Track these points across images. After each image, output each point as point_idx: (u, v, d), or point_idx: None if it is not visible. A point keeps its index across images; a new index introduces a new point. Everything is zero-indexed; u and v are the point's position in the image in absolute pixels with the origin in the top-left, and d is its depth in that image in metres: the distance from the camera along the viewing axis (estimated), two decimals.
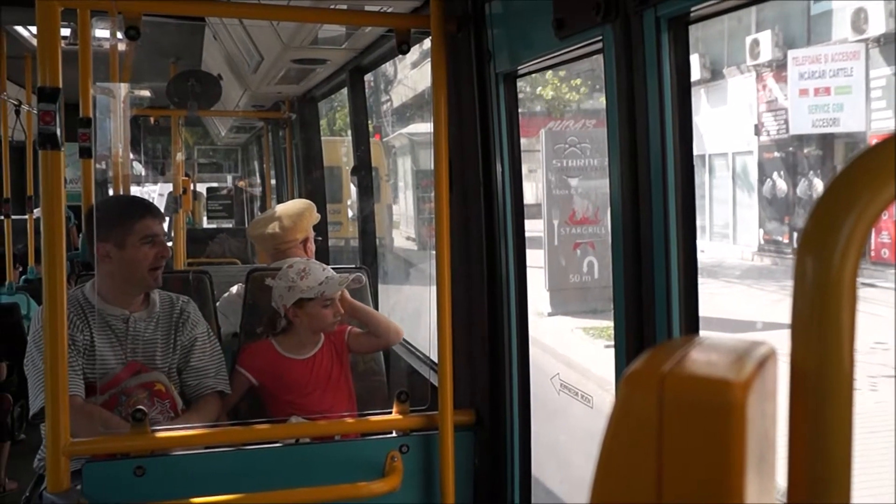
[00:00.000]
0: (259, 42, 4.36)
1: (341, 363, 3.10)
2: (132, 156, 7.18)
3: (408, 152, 21.38)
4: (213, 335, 3.00)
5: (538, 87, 18.71)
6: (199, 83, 5.85)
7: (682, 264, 1.72)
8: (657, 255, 1.73)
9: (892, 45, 13.71)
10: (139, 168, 10.21)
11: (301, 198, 5.28)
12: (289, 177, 7.00)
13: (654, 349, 0.54)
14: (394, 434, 2.54)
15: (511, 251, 2.50)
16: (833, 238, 0.51)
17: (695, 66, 16.27)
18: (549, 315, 12.05)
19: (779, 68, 16.08)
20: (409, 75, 22.77)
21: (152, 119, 8.19)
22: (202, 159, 17.47)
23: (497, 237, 2.52)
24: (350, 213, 14.22)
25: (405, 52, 2.58)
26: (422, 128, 19.80)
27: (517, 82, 2.50)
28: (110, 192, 5.35)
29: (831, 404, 0.51)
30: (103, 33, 4.75)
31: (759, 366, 0.52)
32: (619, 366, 1.91)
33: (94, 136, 3.64)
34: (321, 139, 6.16)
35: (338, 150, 15.04)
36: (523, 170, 2.54)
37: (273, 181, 8.90)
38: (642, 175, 1.75)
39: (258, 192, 11.66)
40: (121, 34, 2.66)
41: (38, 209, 5.41)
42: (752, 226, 17.13)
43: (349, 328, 3.13)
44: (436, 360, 2.54)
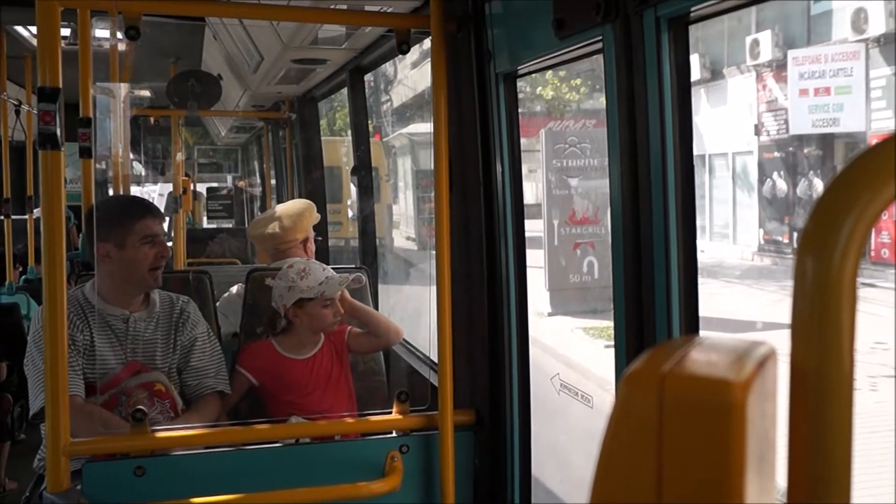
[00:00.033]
0: (259, 42, 4.36)
1: (341, 363, 3.10)
2: (132, 156, 7.18)
3: (408, 152, 21.38)
4: (213, 335, 3.00)
5: (538, 88, 18.71)
6: (199, 83, 5.85)
7: (682, 264, 1.72)
8: (657, 255, 1.73)
9: (892, 45, 13.71)
10: (139, 168, 10.21)
11: (301, 198, 5.28)
12: (289, 177, 7.00)
13: (654, 349, 0.54)
14: (394, 434, 2.54)
15: (511, 251, 2.50)
16: (833, 238, 0.51)
17: (695, 66, 16.27)
18: (549, 315, 12.05)
19: (779, 68, 16.08)
20: (409, 75, 22.77)
21: (152, 119, 8.19)
22: (202, 159, 17.47)
23: (497, 237, 2.52)
24: (350, 213, 14.22)
25: (405, 52, 2.58)
26: (422, 128, 19.81)
27: (517, 82, 2.50)
28: (110, 192, 5.35)
29: (831, 404, 0.51)
30: (103, 33, 4.75)
31: (759, 366, 0.52)
32: (619, 366, 1.91)
33: (94, 136, 3.64)
34: (321, 139, 6.16)
35: (338, 150, 15.04)
36: (523, 170, 2.54)
37: (273, 181, 8.90)
38: (642, 175, 1.75)
39: (258, 192, 11.67)
40: (121, 34, 2.66)
41: (38, 209, 5.41)
42: (752, 226, 17.13)
43: (349, 328, 3.13)
44: (436, 360, 2.54)
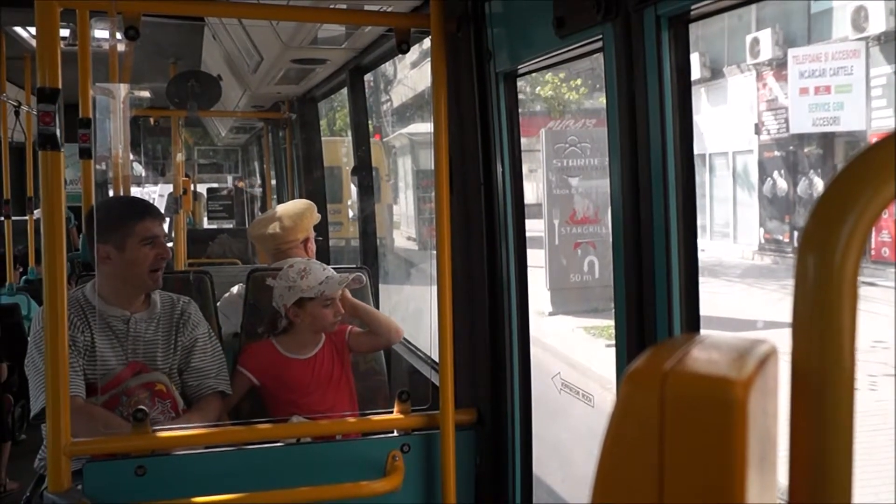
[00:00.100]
0: (259, 42, 4.36)
1: (342, 363, 3.10)
2: (132, 156, 7.18)
3: (408, 152, 21.39)
4: (214, 335, 2.99)
5: (538, 87, 18.71)
6: (198, 83, 5.84)
7: (683, 263, 1.72)
8: (658, 254, 1.73)
9: (892, 44, 13.71)
10: (139, 169, 10.22)
11: (301, 198, 5.28)
12: (289, 177, 7.00)
13: (655, 348, 0.54)
14: (395, 433, 2.54)
15: (512, 251, 2.50)
16: (834, 236, 0.51)
17: (695, 64, 16.27)
18: (550, 314, 12.06)
19: (779, 67, 16.07)
20: (409, 75, 22.77)
21: (152, 120, 8.19)
22: (202, 160, 17.47)
23: (498, 237, 2.52)
24: (350, 214, 14.23)
25: (405, 51, 2.58)
26: (422, 127, 19.82)
27: (517, 82, 2.49)
28: (110, 192, 5.35)
29: (832, 402, 0.51)
30: (103, 34, 4.75)
31: (761, 364, 0.52)
32: (621, 364, 1.91)
33: (93, 137, 3.64)
34: (321, 139, 6.16)
35: (338, 151, 15.06)
36: (524, 169, 2.54)
37: (273, 181, 8.90)
38: (643, 174, 1.75)
39: (258, 192, 11.67)
40: (120, 34, 2.66)
41: (38, 210, 5.41)
42: (752, 225, 17.13)
43: (350, 328, 3.14)
44: (437, 359, 2.54)
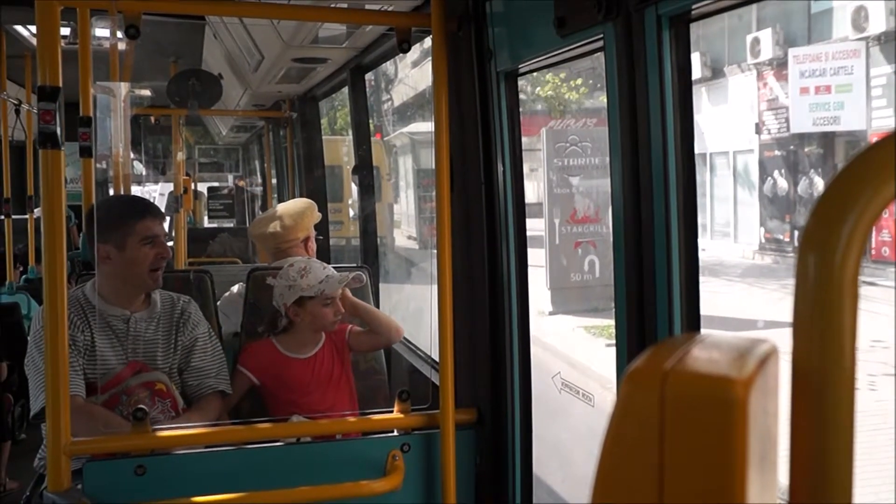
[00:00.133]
0: (259, 41, 4.36)
1: (342, 362, 3.09)
2: (133, 155, 7.18)
3: (409, 151, 21.40)
4: (214, 335, 2.99)
5: (539, 87, 18.71)
6: (199, 82, 5.84)
7: (684, 262, 1.72)
8: (658, 254, 1.73)
9: (892, 44, 13.70)
10: (140, 167, 10.22)
11: (302, 197, 5.29)
12: (290, 176, 7.00)
13: (655, 347, 0.54)
14: (395, 433, 2.53)
15: (512, 250, 2.50)
16: (834, 236, 0.51)
17: (696, 64, 16.26)
18: (551, 314, 12.06)
19: (779, 66, 16.07)
20: (410, 74, 22.77)
21: (153, 118, 8.18)
22: (203, 159, 17.49)
23: (498, 236, 2.52)
24: (351, 213, 14.24)
25: (406, 50, 2.57)
26: (423, 127, 19.81)
27: (518, 81, 2.49)
28: (111, 191, 5.35)
29: (833, 401, 0.51)
30: (103, 32, 4.74)
31: (761, 363, 0.52)
32: (621, 364, 1.91)
33: (94, 136, 3.65)
34: (322, 138, 6.16)
35: (339, 150, 15.06)
36: (524, 168, 2.54)
37: (274, 180, 8.90)
38: (643, 173, 1.75)
39: (259, 191, 11.68)
40: (121, 33, 2.66)
41: (38, 209, 5.41)
42: (753, 224, 17.13)
43: (350, 327, 3.13)
44: (437, 358, 2.53)
